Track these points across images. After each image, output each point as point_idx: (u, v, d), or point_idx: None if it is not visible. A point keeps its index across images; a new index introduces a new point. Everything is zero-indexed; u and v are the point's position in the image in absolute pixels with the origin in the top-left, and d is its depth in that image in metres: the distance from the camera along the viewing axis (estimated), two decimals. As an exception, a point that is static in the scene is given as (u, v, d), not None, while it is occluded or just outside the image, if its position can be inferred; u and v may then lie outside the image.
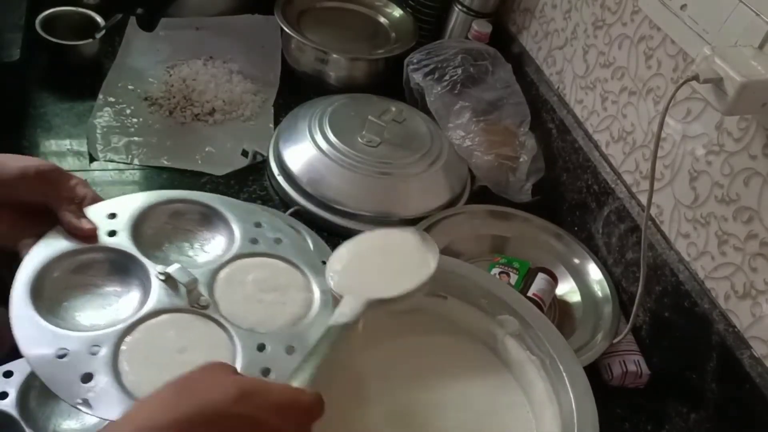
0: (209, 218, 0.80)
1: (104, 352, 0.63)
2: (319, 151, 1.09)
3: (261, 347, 0.68)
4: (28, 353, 0.62)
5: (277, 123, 1.21)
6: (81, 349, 0.63)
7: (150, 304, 0.69)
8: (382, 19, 1.42)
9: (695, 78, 0.77)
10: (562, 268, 1.07)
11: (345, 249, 0.78)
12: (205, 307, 0.71)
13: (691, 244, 0.93)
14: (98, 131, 1.12)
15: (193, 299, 0.71)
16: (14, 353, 0.67)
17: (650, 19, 0.99)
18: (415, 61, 1.25)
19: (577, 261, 1.08)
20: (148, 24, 1.18)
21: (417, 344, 0.87)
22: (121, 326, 0.66)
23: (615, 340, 0.96)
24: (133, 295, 0.71)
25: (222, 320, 0.70)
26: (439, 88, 1.20)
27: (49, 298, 0.68)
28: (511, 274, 1.00)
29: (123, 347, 0.65)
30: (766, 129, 0.82)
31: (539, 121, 1.23)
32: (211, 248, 0.79)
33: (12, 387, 0.73)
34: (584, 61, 1.15)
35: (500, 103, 1.21)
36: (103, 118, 1.14)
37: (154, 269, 0.71)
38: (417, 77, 1.23)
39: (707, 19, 0.86)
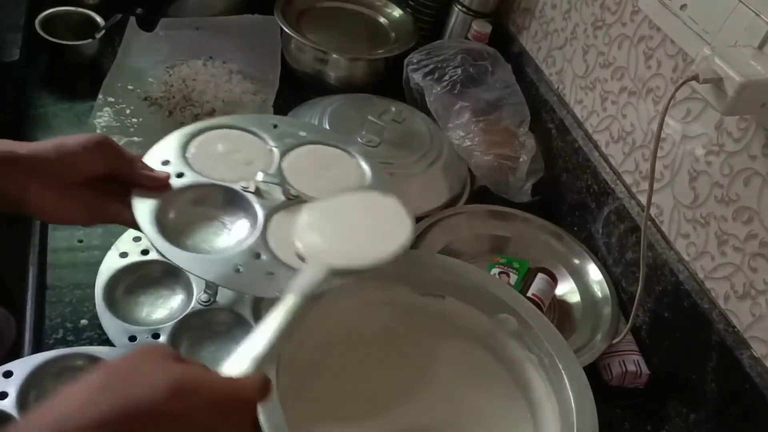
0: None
1: (265, 255, 0.78)
2: (318, 151, 1.09)
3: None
4: (211, 279, 0.77)
5: (276, 123, 1.21)
6: (248, 259, 0.77)
7: (260, 214, 0.83)
8: (382, 19, 1.42)
9: (695, 78, 0.77)
10: (561, 268, 1.07)
11: (319, 207, 0.76)
12: (297, 196, 0.86)
13: (690, 244, 0.93)
14: (98, 131, 1.11)
15: (286, 193, 0.86)
16: (14, 353, 0.67)
17: (650, 19, 0.99)
18: (414, 61, 1.25)
19: (576, 261, 1.08)
20: (147, 24, 1.18)
21: (414, 344, 0.87)
22: (259, 228, 0.81)
23: (614, 341, 0.96)
24: (239, 216, 0.85)
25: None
26: (439, 88, 1.20)
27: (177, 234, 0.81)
28: (510, 274, 1.00)
29: (271, 243, 0.80)
30: (766, 129, 0.82)
31: (539, 121, 1.23)
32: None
33: (12, 387, 0.73)
34: (584, 61, 1.15)
35: (500, 103, 1.21)
36: (102, 118, 1.14)
37: (239, 187, 0.86)
38: (417, 77, 1.23)
39: (707, 19, 0.86)
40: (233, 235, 0.83)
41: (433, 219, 1.07)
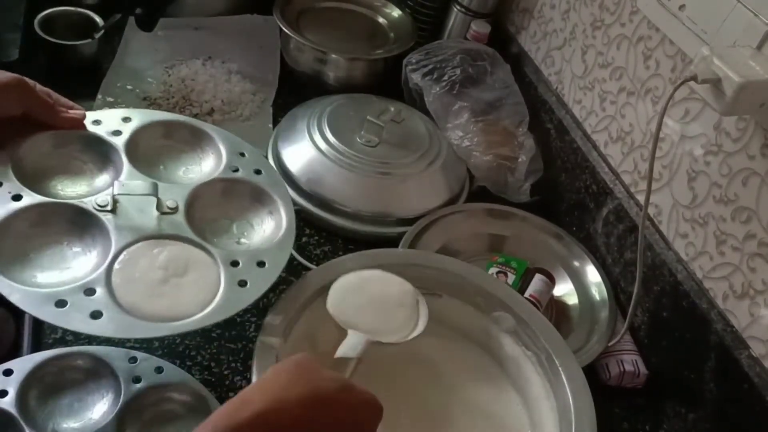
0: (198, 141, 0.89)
1: (99, 292, 0.68)
2: (317, 151, 1.09)
3: (235, 263, 0.74)
4: (32, 312, 0.66)
5: (275, 123, 1.21)
6: (77, 295, 0.67)
7: (114, 241, 0.72)
8: (381, 20, 1.42)
9: (693, 78, 0.77)
10: (560, 268, 1.07)
11: (347, 281, 0.81)
12: (175, 209, 0.76)
13: (689, 244, 0.94)
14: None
15: (161, 206, 0.76)
16: (14, 352, 0.67)
17: (649, 20, 0.99)
18: (413, 61, 1.25)
19: (575, 262, 1.08)
20: (147, 24, 1.18)
21: (411, 343, 0.87)
22: (103, 267, 0.70)
23: (611, 342, 0.96)
24: (89, 242, 0.74)
25: (193, 237, 0.75)
26: (438, 89, 1.20)
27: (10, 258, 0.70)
28: (508, 273, 1.00)
29: (114, 284, 0.69)
30: (765, 129, 0.82)
31: (538, 121, 1.23)
32: (196, 169, 0.87)
33: (11, 385, 0.73)
34: (583, 62, 1.15)
35: (499, 104, 1.21)
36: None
37: (88, 204, 0.74)
38: (416, 77, 1.23)
39: (706, 20, 0.86)
40: (75, 270, 0.72)
41: (431, 218, 1.07)
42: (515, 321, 0.84)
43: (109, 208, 0.74)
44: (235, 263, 0.74)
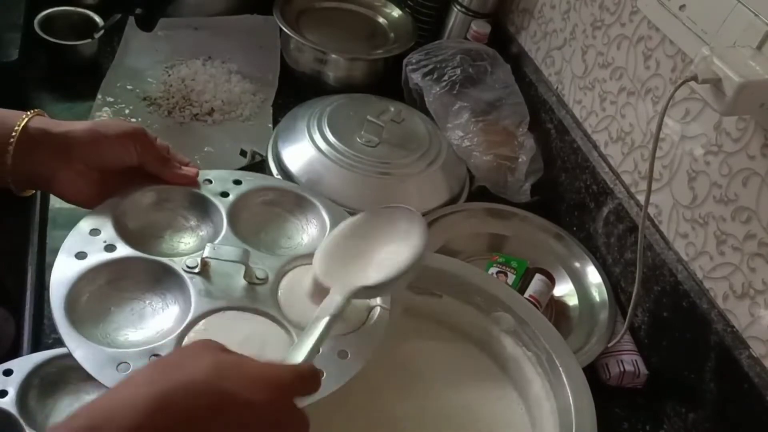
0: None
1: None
2: (317, 151, 1.09)
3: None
4: (92, 373, 0.62)
5: (275, 123, 1.21)
6: (140, 360, 0.63)
7: (193, 308, 0.68)
8: (381, 20, 1.42)
9: (694, 78, 0.77)
10: (560, 268, 1.07)
11: (332, 235, 0.77)
12: (264, 280, 0.72)
13: (689, 244, 0.93)
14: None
15: (250, 275, 0.71)
16: (13, 352, 0.67)
17: (649, 20, 0.99)
18: (413, 61, 1.25)
19: (575, 262, 1.08)
20: (146, 24, 1.18)
21: (411, 343, 0.87)
22: (174, 335, 0.65)
23: (610, 343, 0.96)
24: (170, 302, 0.70)
25: (276, 314, 0.70)
26: (438, 89, 1.20)
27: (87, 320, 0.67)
28: (508, 273, 1.00)
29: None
30: (765, 129, 0.82)
31: (538, 121, 1.23)
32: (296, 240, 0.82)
33: (12, 385, 0.73)
34: (583, 62, 1.15)
35: (499, 104, 1.21)
36: (101, 118, 1.14)
37: (178, 264, 0.71)
38: (416, 77, 1.23)
39: (706, 20, 0.86)
40: (156, 321, 0.69)
41: (430, 218, 1.07)
42: (515, 321, 0.84)
43: (197, 270, 0.70)
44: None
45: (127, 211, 0.76)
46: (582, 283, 1.06)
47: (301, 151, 1.10)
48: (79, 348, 0.64)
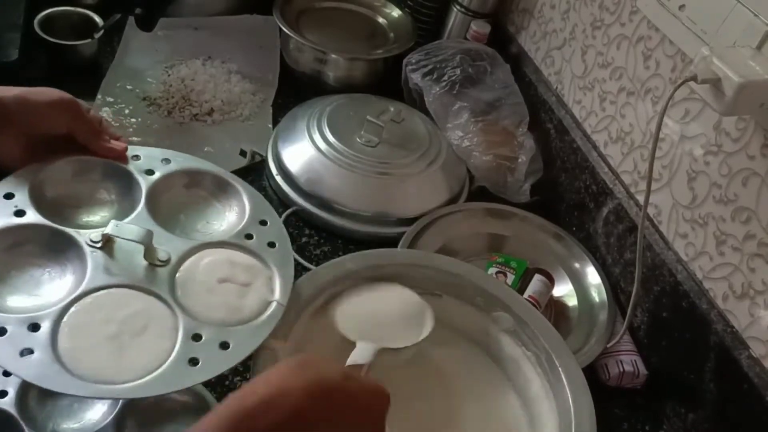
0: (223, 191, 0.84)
1: (43, 330, 0.64)
2: (317, 151, 1.09)
3: (197, 337, 0.68)
4: None
5: (275, 123, 1.21)
6: (19, 328, 0.63)
7: (86, 282, 0.68)
8: (381, 20, 1.42)
9: (693, 78, 0.77)
10: (559, 268, 1.07)
11: (352, 298, 0.82)
12: (166, 262, 0.72)
13: (689, 245, 0.93)
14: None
15: (151, 256, 0.71)
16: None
17: (648, 20, 0.99)
18: (413, 61, 1.25)
19: (575, 262, 1.08)
20: (146, 24, 1.18)
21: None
22: (59, 306, 0.66)
23: (610, 344, 0.96)
24: (68, 273, 0.71)
25: (168, 297, 0.70)
26: (438, 89, 1.20)
27: None
28: (508, 273, 1.00)
29: (62, 324, 0.65)
30: (764, 129, 0.82)
31: (538, 121, 1.23)
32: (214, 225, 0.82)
33: (11, 386, 0.73)
34: (583, 62, 1.15)
35: (499, 104, 1.21)
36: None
37: (83, 237, 0.71)
38: (415, 77, 1.23)
39: (705, 20, 0.86)
40: (46, 296, 0.69)
41: (430, 217, 1.07)
42: (515, 321, 0.84)
43: (99, 245, 0.71)
44: (197, 337, 0.67)
45: (47, 178, 0.77)
46: (581, 284, 1.06)
47: (301, 151, 1.10)
48: None
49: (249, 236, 0.79)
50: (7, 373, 0.74)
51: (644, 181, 0.89)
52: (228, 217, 0.83)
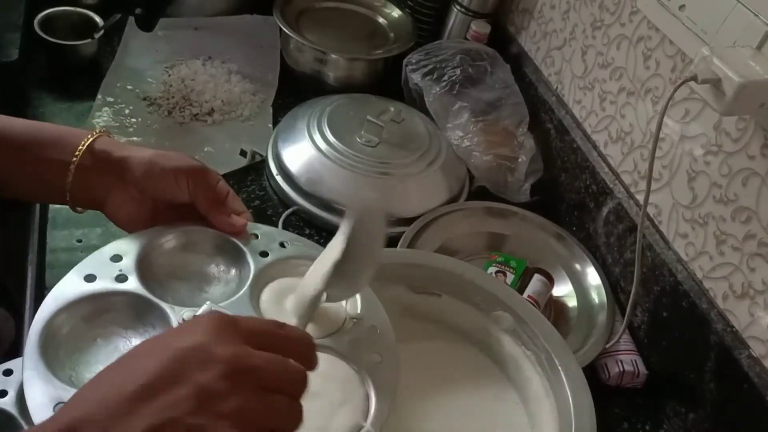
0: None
1: None
2: (317, 151, 1.09)
3: None
4: (31, 411, 0.59)
5: (275, 123, 1.21)
6: None
7: None
8: (381, 20, 1.42)
9: (693, 78, 0.77)
10: (559, 268, 1.07)
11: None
12: None
13: (689, 244, 0.93)
14: (97, 131, 1.11)
15: None
16: (13, 352, 0.67)
17: (649, 20, 0.99)
18: (413, 61, 1.25)
19: (574, 262, 1.08)
20: (146, 24, 1.18)
21: (410, 342, 0.87)
22: None
23: (610, 343, 0.96)
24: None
25: None
26: (438, 89, 1.20)
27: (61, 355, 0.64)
28: (507, 273, 1.00)
29: None
30: (765, 129, 0.82)
31: (538, 121, 1.23)
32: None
33: (11, 386, 0.73)
34: (583, 62, 1.15)
35: (499, 104, 1.21)
36: (101, 118, 1.14)
37: (176, 314, 0.67)
38: (416, 77, 1.23)
39: (706, 20, 0.86)
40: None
41: (429, 217, 1.07)
42: (514, 320, 0.84)
43: None
44: None
45: (159, 245, 0.75)
46: (581, 284, 1.05)
47: (301, 151, 1.10)
48: (34, 372, 0.61)
49: (353, 342, 0.70)
50: (7, 373, 0.74)
51: (644, 181, 0.89)
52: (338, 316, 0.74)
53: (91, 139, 0.73)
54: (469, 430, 0.81)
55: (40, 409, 0.58)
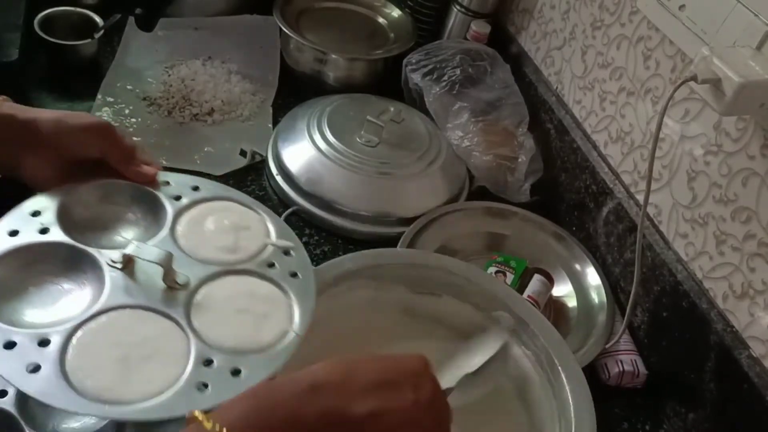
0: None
1: (53, 346, 0.63)
2: (317, 151, 1.09)
3: (208, 362, 0.66)
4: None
5: (275, 123, 1.21)
6: (29, 343, 0.63)
7: (102, 301, 0.68)
8: (381, 20, 1.42)
9: (693, 78, 0.77)
10: (559, 268, 1.07)
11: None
12: (184, 286, 0.71)
13: (689, 244, 0.94)
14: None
15: (169, 279, 0.70)
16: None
17: (648, 20, 0.99)
18: (413, 61, 1.25)
19: (574, 262, 1.08)
20: (146, 24, 1.18)
21: (410, 343, 0.87)
22: (71, 323, 0.65)
23: (610, 343, 0.96)
24: (86, 292, 0.70)
25: (182, 321, 0.68)
26: (438, 89, 1.20)
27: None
28: (507, 273, 1.00)
29: (73, 342, 0.64)
30: (764, 129, 0.82)
31: (538, 121, 1.23)
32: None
33: (11, 386, 0.73)
34: (583, 62, 1.15)
35: (499, 104, 1.21)
36: (101, 117, 1.14)
37: (104, 257, 0.71)
38: (415, 77, 1.23)
39: (705, 20, 0.86)
40: (62, 311, 0.68)
41: (429, 217, 1.07)
42: (514, 320, 0.84)
43: (119, 266, 0.70)
44: (208, 362, 0.66)
45: (76, 199, 0.77)
46: (581, 284, 1.05)
47: (301, 151, 1.10)
48: None
49: (271, 265, 0.77)
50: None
51: (644, 181, 0.89)
52: (250, 246, 0.80)
53: None
54: (468, 429, 0.81)
55: None
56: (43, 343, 0.63)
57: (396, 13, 1.42)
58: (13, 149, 0.74)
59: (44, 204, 0.75)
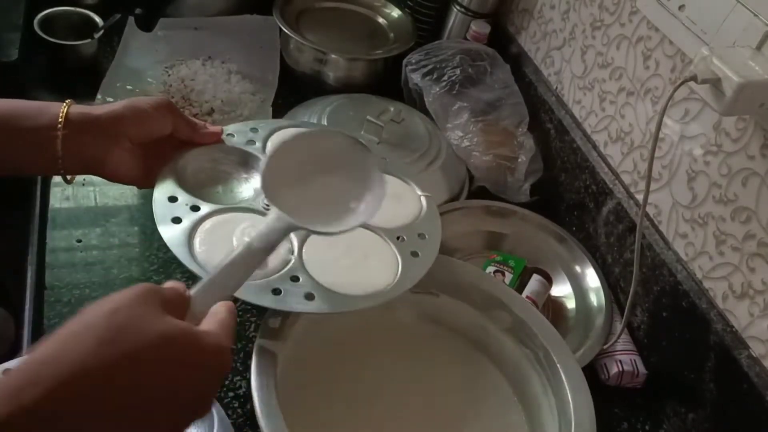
0: None
1: (303, 277, 0.74)
2: (317, 151, 1.09)
3: (400, 238, 0.82)
4: (257, 302, 0.71)
5: (275, 123, 1.21)
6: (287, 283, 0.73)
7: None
8: (381, 20, 1.42)
9: (693, 78, 0.77)
10: (558, 268, 1.07)
11: (285, 147, 0.73)
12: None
13: (689, 244, 0.94)
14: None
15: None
16: (13, 352, 0.67)
17: (648, 20, 0.99)
18: (413, 61, 1.25)
19: (574, 262, 1.08)
20: (146, 24, 1.18)
21: (408, 342, 0.87)
22: (294, 260, 0.76)
23: (609, 343, 0.96)
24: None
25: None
26: (438, 89, 1.20)
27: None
28: (506, 273, 1.00)
29: (309, 268, 0.75)
30: (764, 129, 0.82)
31: (537, 121, 1.23)
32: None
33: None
34: (582, 62, 1.15)
35: (498, 104, 1.21)
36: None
37: (260, 204, 0.81)
38: (415, 77, 1.23)
39: (705, 20, 0.86)
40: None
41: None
42: (513, 320, 0.84)
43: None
44: (400, 238, 0.81)
45: (190, 167, 0.83)
46: (580, 284, 1.05)
47: (301, 151, 1.10)
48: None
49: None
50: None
51: (644, 181, 0.89)
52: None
53: (66, 107, 0.74)
54: (468, 429, 0.81)
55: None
56: (294, 279, 0.74)
57: (396, 13, 1.42)
58: (97, 145, 0.75)
59: (166, 190, 0.79)
